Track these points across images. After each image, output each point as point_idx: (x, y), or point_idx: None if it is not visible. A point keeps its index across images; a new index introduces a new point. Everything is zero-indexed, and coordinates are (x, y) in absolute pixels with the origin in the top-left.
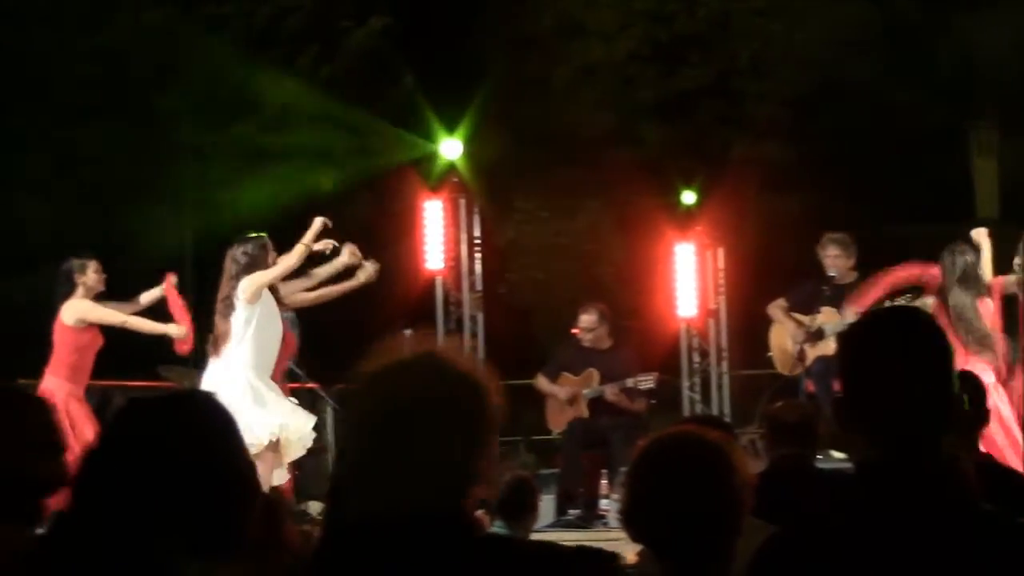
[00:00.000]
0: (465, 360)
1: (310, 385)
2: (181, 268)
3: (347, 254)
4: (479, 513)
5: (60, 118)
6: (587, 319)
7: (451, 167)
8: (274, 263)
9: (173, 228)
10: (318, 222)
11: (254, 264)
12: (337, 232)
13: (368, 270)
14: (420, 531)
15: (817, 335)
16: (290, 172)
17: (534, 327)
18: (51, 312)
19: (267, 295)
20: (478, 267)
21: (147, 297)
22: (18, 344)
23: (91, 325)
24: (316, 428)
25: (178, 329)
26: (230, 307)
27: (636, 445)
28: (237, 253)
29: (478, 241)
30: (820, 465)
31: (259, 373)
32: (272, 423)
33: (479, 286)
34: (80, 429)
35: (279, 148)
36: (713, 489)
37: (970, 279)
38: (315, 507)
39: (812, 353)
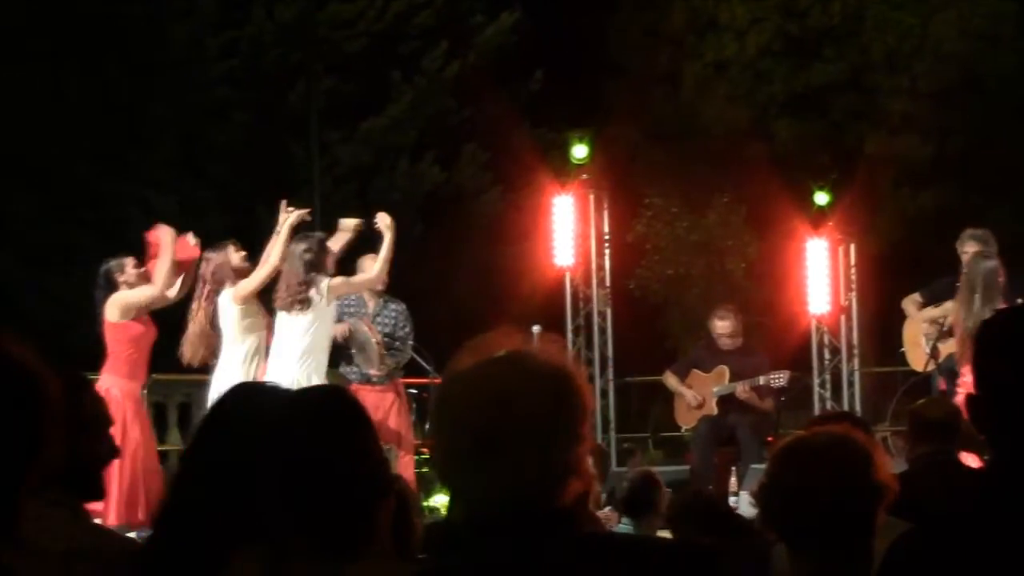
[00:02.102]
0: (554, 354)
1: (439, 380)
2: None
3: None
4: (606, 511)
5: (192, 114)
6: (724, 325)
7: (584, 163)
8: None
9: (306, 225)
10: (349, 224)
11: (318, 263)
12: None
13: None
14: (516, 528)
15: (950, 332)
16: (424, 168)
17: (664, 323)
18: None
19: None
20: (607, 263)
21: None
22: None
23: (140, 316)
24: None
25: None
26: (293, 305)
27: (767, 441)
28: (301, 251)
29: (607, 237)
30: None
31: (318, 369)
32: None
33: (608, 282)
34: (133, 430)
35: (406, 143)
36: (854, 488)
37: None
38: (442, 500)
39: (945, 350)
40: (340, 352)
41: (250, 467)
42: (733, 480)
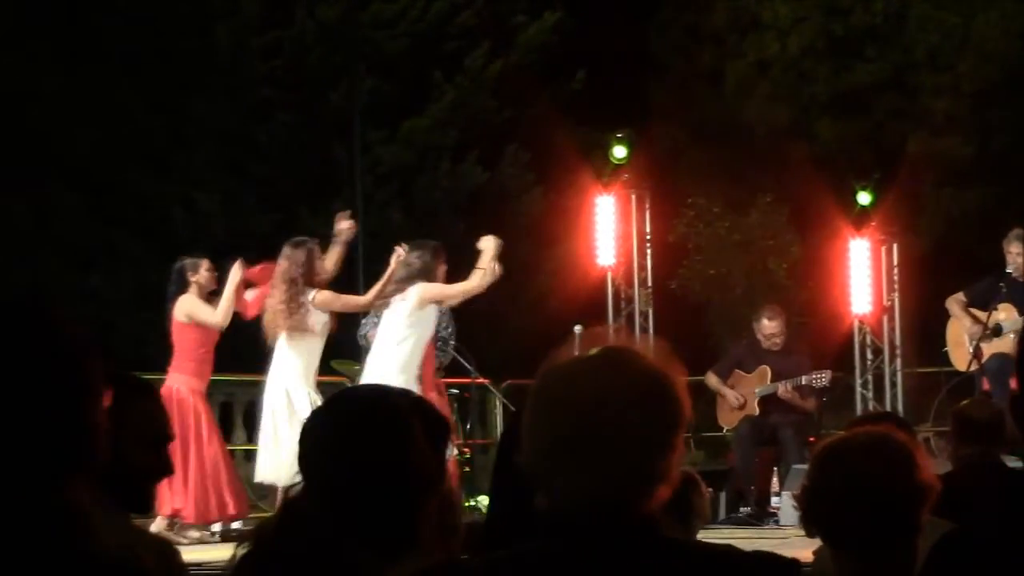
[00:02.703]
0: (652, 357)
1: (480, 380)
2: (353, 265)
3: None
4: None
5: (234, 114)
6: (773, 325)
7: (623, 163)
8: (443, 276)
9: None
10: (492, 244)
11: (426, 272)
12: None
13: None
14: (601, 531)
15: (994, 332)
16: (465, 168)
17: (705, 323)
18: (153, 311)
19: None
20: (649, 263)
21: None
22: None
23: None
24: (484, 423)
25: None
26: (389, 307)
27: (809, 442)
28: (411, 258)
29: (649, 237)
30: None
31: (408, 375)
32: None
33: (650, 282)
34: (207, 430)
35: (448, 143)
36: (896, 487)
37: None
38: (485, 501)
39: (988, 350)
40: None
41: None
42: (775, 480)
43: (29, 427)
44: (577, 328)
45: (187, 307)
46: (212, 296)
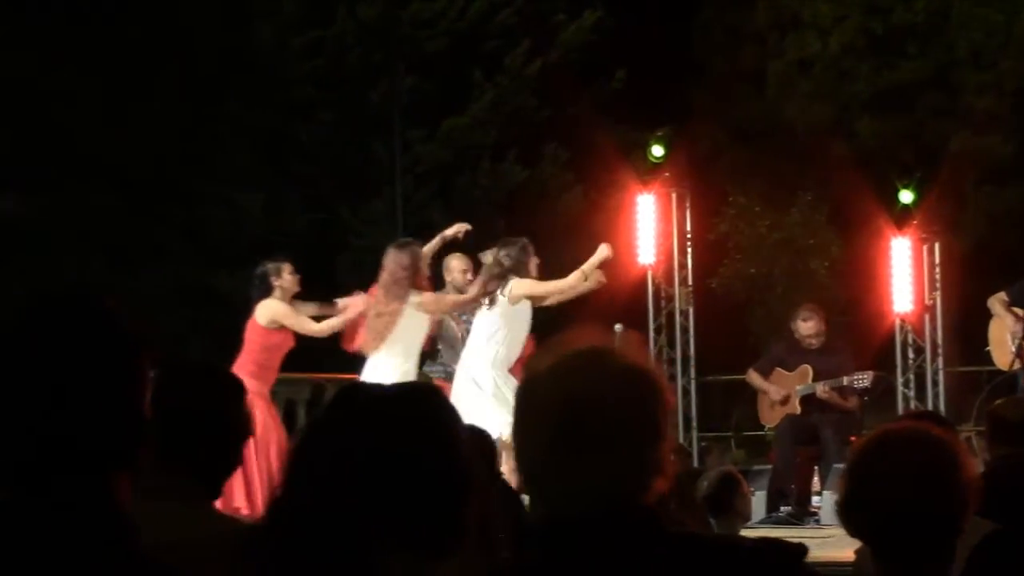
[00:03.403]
0: (634, 353)
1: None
2: None
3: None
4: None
5: (275, 113)
6: (808, 327)
7: (661, 162)
8: (535, 270)
9: (388, 224)
10: (604, 250)
11: (517, 268)
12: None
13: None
14: (600, 527)
15: None
16: (505, 167)
17: (746, 322)
18: (246, 312)
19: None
20: (689, 262)
21: (344, 302)
22: (233, 338)
23: (284, 330)
24: None
25: (339, 321)
26: (483, 306)
27: (850, 441)
28: (500, 255)
29: (689, 236)
30: None
31: (500, 371)
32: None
33: (690, 281)
34: (266, 430)
35: (487, 142)
36: (938, 487)
37: None
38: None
39: None
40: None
41: (343, 467)
42: (816, 480)
43: (85, 419)
44: (617, 327)
45: (275, 312)
46: (294, 299)
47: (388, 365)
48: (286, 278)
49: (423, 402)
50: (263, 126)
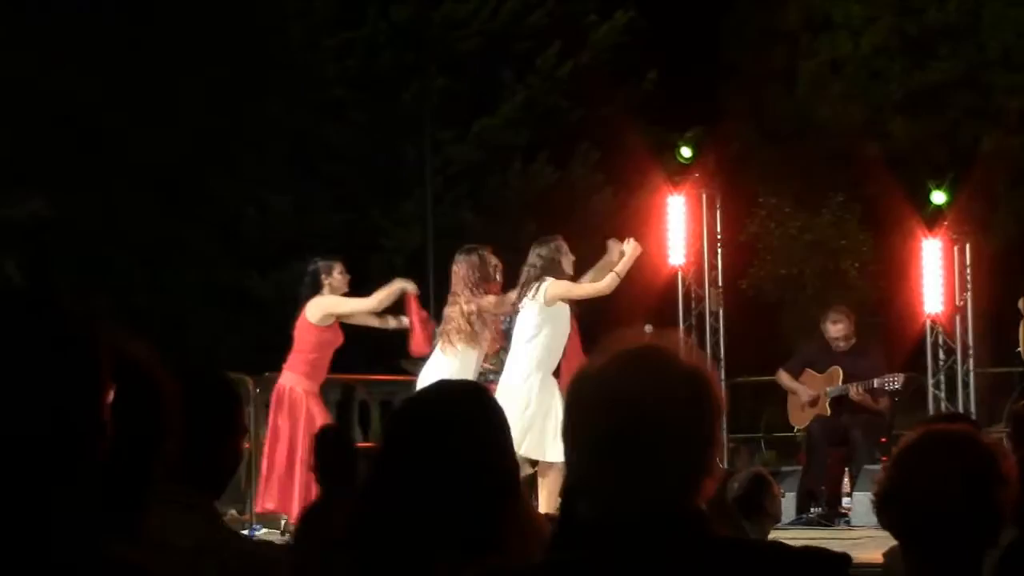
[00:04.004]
0: (687, 353)
1: None
2: (423, 265)
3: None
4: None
5: (306, 114)
6: (838, 328)
7: (690, 163)
8: (570, 267)
9: (419, 225)
10: (635, 248)
11: (551, 268)
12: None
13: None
14: (650, 529)
15: None
16: (536, 168)
17: (777, 323)
18: (294, 310)
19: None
20: (720, 262)
21: (395, 323)
22: (264, 339)
23: (334, 323)
24: None
25: (410, 327)
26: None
27: (880, 442)
28: (533, 257)
29: (720, 236)
30: None
31: (545, 372)
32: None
33: (720, 282)
34: (318, 425)
35: (518, 143)
36: (980, 493)
37: None
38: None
39: None
40: None
41: (414, 472)
42: (846, 481)
43: (37, 424)
44: (648, 328)
45: (325, 307)
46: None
47: (455, 365)
48: (336, 277)
49: (475, 404)
50: (294, 127)
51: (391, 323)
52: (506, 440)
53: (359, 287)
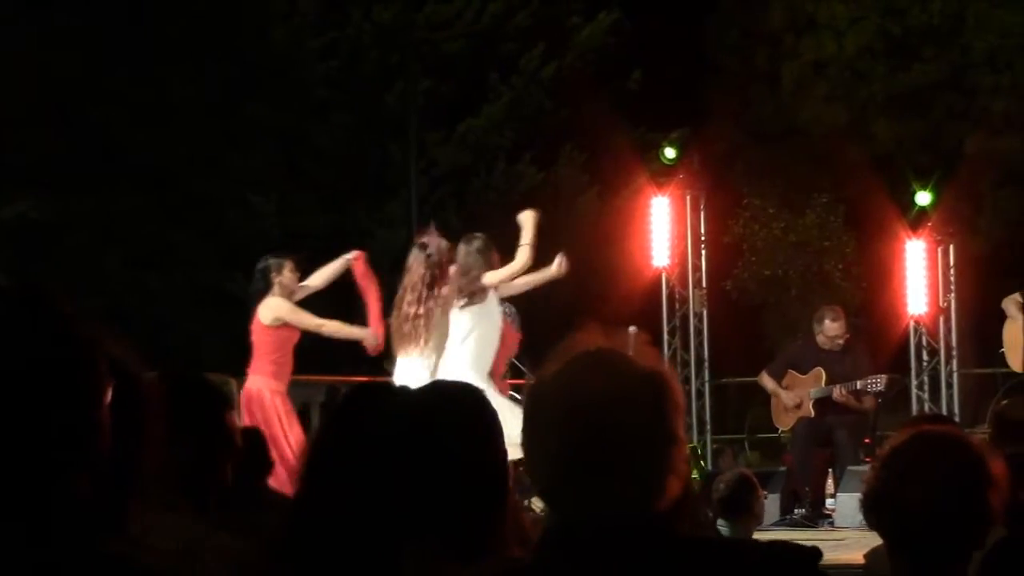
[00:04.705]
0: (644, 355)
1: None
2: None
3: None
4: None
5: (290, 115)
6: (835, 327)
7: (674, 164)
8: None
9: (404, 226)
10: (532, 218)
11: (483, 263)
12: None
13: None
14: (617, 533)
15: None
16: (521, 169)
17: (760, 324)
18: (249, 311)
19: (491, 293)
20: (704, 264)
21: (350, 331)
22: (249, 340)
23: (287, 323)
24: None
25: (371, 337)
26: (452, 305)
27: (864, 443)
28: (473, 248)
29: (704, 238)
30: None
31: (479, 372)
32: None
33: (704, 283)
34: (290, 426)
35: (503, 144)
36: (970, 495)
37: None
38: (539, 503)
39: None
40: None
41: (376, 466)
42: (830, 482)
43: (37, 422)
44: (632, 329)
45: (277, 311)
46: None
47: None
48: (287, 275)
49: (456, 400)
50: (279, 128)
51: (346, 331)
52: (498, 438)
53: (345, 289)
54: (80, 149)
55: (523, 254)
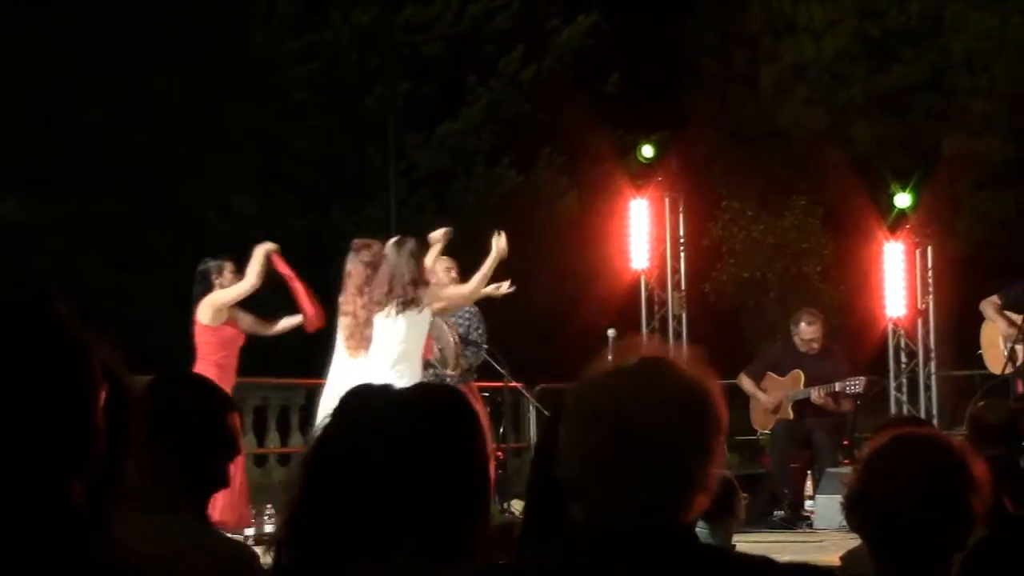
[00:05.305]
0: (691, 366)
1: (513, 384)
2: None
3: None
4: None
5: (270, 118)
6: (813, 330)
7: (651, 162)
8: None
9: (383, 228)
10: (500, 241)
11: (413, 268)
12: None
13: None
14: (640, 541)
15: None
16: (500, 172)
17: (739, 326)
18: (188, 314)
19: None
20: (683, 266)
21: (286, 323)
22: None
23: (229, 321)
24: (516, 427)
25: (301, 319)
26: (381, 308)
27: (843, 445)
28: (405, 250)
29: (683, 240)
30: None
31: (409, 380)
32: None
33: (683, 285)
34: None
35: (482, 147)
36: (952, 498)
37: None
38: (518, 505)
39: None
40: None
41: (366, 471)
42: (808, 484)
43: (34, 426)
44: (611, 331)
45: (211, 302)
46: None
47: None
48: (227, 276)
49: (438, 403)
50: (258, 130)
51: (282, 324)
52: (478, 440)
53: (321, 291)
54: (61, 151)
55: (473, 282)
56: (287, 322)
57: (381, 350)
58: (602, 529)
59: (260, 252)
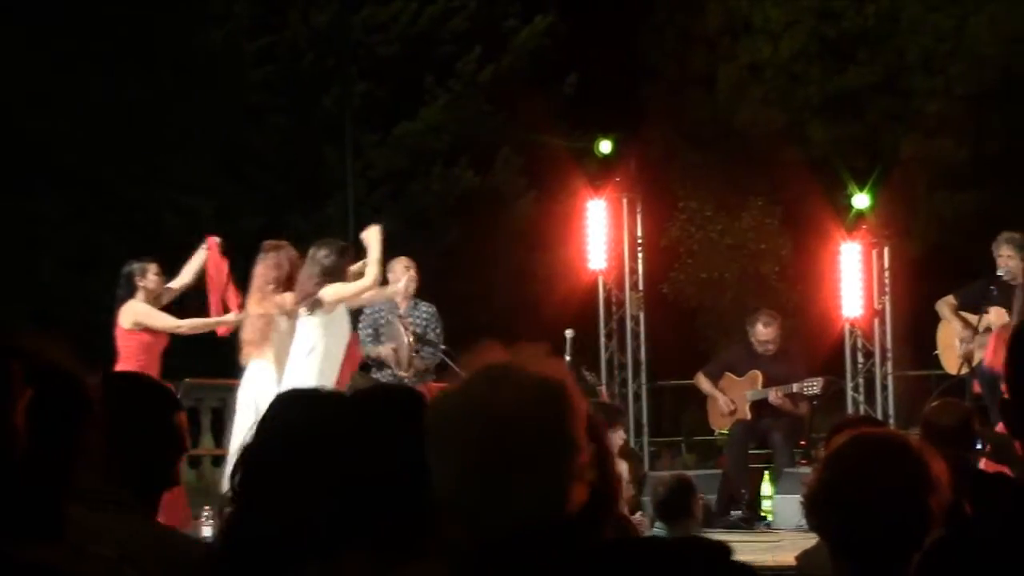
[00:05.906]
0: (542, 365)
1: None
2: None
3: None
4: (638, 516)
5: (227, 118)
6: (768, 332)
7: (610, 158)
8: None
9: (340, 229)
10: (377, 234)
11: (335, 270)
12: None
13: None
14: (523, 541)
15: (985, 335)
16: (458, 173)
17: (697, 327)
18: (111, 316)
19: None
20: (641, 267)
21: (190, 271)
22: (185, 344)
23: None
24: None
25: (234, 317)
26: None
27: (800, 445)
28: (319, 255)
29: (641, 241)
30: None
31: (325, 384)
32: None
33: (641, 286)
34: None
35: (440, 147)
36: (913, 498)
37: None
38: None
39: (979, 354)
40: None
41: (306, 472)
42: (766, 484)
43: None
44: (568, 332)
45: (135, 314)
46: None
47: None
48: (151, 279)
49: (385, 403)
50: (215, 130)
51: (210, 323)
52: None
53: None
54: (11, 151)
55: (371, 272)
56: (207, 322)
57: (299, 350)
58: (485, 540)
59: (199, 255)
